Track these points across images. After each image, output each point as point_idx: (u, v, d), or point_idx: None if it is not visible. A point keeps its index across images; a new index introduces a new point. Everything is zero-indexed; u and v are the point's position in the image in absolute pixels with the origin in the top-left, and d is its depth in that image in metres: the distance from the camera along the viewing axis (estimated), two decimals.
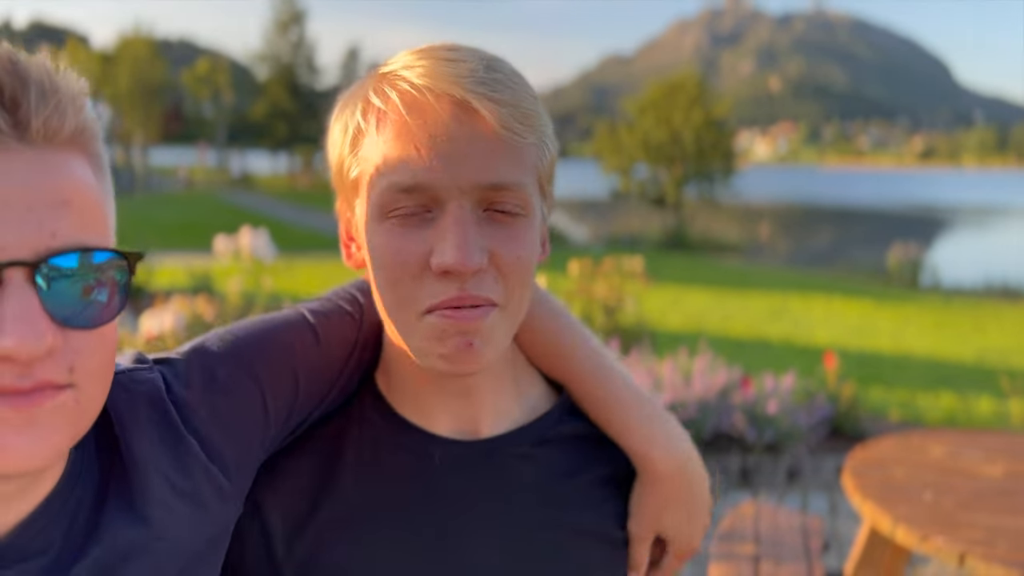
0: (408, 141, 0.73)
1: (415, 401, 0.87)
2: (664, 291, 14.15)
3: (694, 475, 0.94)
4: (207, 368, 0.80)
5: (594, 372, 0.92)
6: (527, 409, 0.92)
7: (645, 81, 35.14)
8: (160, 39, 59.23)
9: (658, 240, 26.81)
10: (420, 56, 0.77)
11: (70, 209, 0.60)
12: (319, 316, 0.88)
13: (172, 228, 19.75)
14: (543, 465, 0.89)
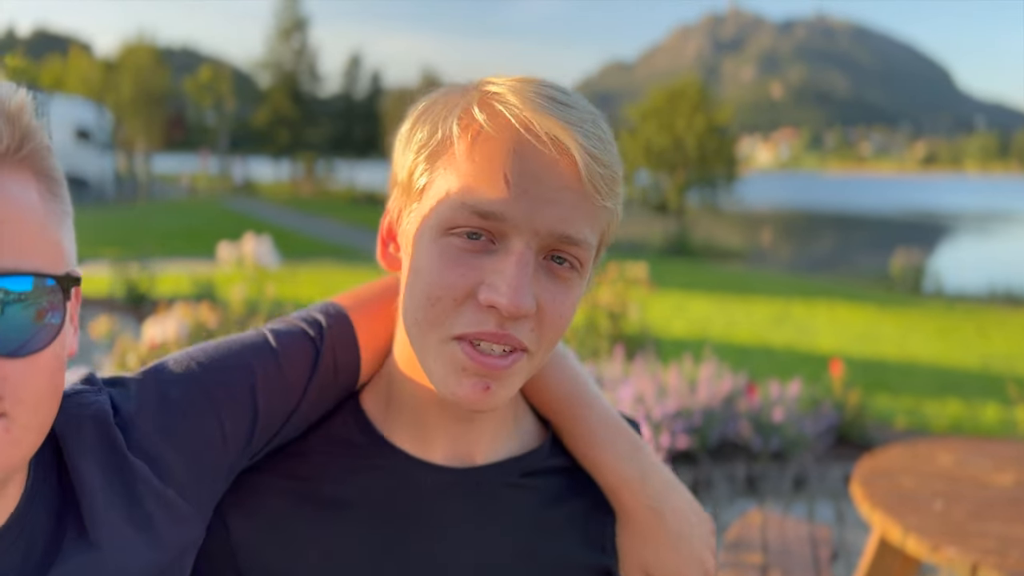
0: (499, 168, 0.72)
1: (414, 425, 0.86)
2: (667, 298, 14.11)
3: (669, 511, 0.91)
4: (162, 389, 0.78)
5: (571, 408, 0.91)
6: (521, 441, 0.92)
7: (647, 88, 35.19)
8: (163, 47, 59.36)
9: (660, 246, 26.80)
10: (532, 88, 0.75)
11: (2, 232, 0.58)
12: (281, 338, 0.85)
13: (175, 235, 19.73)
14: (531, 494, 0.89)
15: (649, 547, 0.90)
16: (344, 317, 0.88)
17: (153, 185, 43.90)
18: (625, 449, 0.91)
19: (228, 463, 0.80)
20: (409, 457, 0.85)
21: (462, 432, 0.86)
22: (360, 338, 0.87)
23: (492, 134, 0.73)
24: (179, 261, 12.97)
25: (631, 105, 34.41)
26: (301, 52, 59.95)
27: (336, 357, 0.86)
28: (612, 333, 6.41)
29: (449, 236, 0.74)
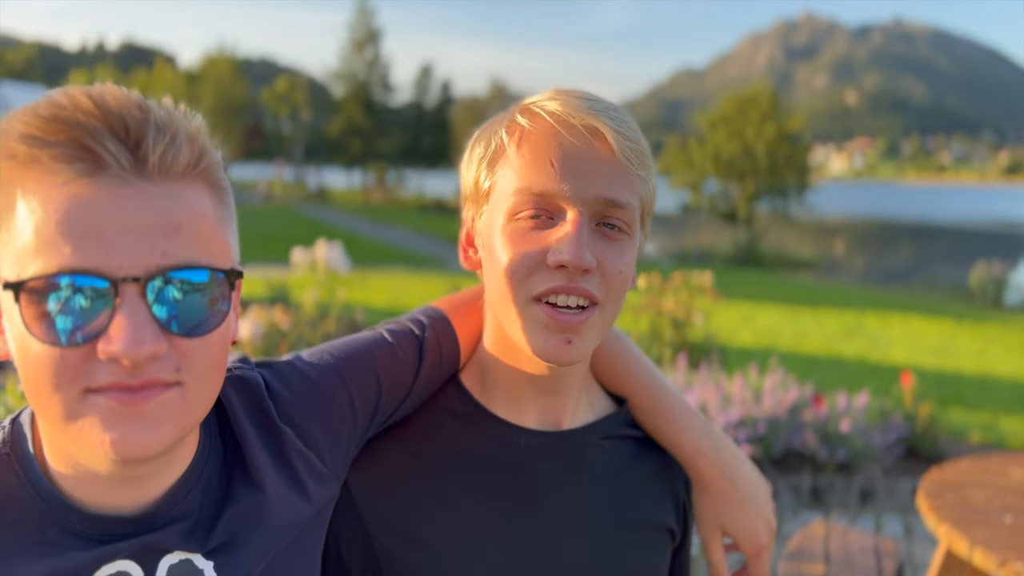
0: (544, 155, 0.86)
1: (507, 396, 0.99)
2: (735, 307, 13.94)
3: (740, 478, 1.07)
4: (304, 371, 0.94)
5: (649, 389, 1.06)
6: (595, 411, 1.05)
7: (717, 95, 34.80)
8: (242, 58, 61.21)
9: (729, 256, 26.43)
10: (563, 93, 0.91)
11: (180, 233, 0.69)
12: (394, 334, 1.02)
13: (251, 240, 20.32)
14: (609, 454, 1.03)
15: (725, 508, 1.06)
16: (443, 316, 1.05)
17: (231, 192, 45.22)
18: (700, 426, 1.07)
19: (358, 434, 0.96)
20: (506, 422, 0.99)
21: (548, 402, 1.00)
22: (458, 332, 1.04)
23: (535, 131, 0.88)
24: (255, 265, 13.38)
25: (700, 113, 34.05)
26: (374, 63, 61.17)
27: (440, 347, 1.03)
28: (676, 341, 6.40)
29: (515, 221, 0.88)
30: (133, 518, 0.76)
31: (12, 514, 0.73)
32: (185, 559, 0.78)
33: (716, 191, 31.81)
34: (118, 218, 0.66)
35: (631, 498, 1.04)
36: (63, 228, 0.65)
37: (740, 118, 30.76)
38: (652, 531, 1.05)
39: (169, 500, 0.78)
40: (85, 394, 0.67)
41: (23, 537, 0.72)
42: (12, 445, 0.75)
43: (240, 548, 0.81)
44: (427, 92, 66.50)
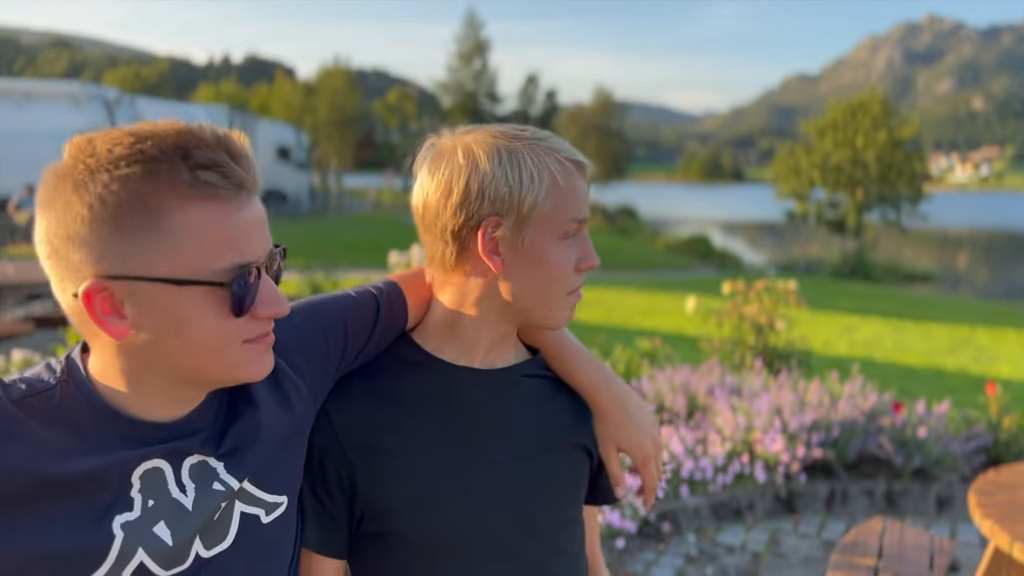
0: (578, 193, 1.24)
1: (466, 346, 1.31)
2: (836, 318, 13.67)
3: (630, 406, 1.37)
4: (290, 318, 1.23)
5: (557, 341, 1.39)
6: (518, 357, 1.37)
7: (831, 101, 33.80)
8: (356, 70, 63.34)
9: (837, 266, 25.68)
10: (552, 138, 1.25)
11: (267, 226, 1.02)
12: (359, 292, 1.31)
13: (358, 245, 21.20)
14: (533, 388, 1.35)
15: (617, 431, 1.36)
16: (395, 285, 1.34)
17: (343, 200, 46.93)
18: (595, 366, 1.38)
19: (331, 367, 1.25)
20: (448, 363, 1.30)
21: (491, 350, 1.32)
22: (407, 297, 1.34)
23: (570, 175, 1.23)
24: (361, 269, 14.03)
25: (808, 120, 33.17)
26: (481, 74, 62.25)
27: (392, 307, 1.32)
28: (757, 346, 6.47)
29: (566, 239, 1.23)
30: (167, 426, 1.03)
31: (73, 420, 1.00)
32: (202, 460, 1.05)
33: (824, 200, 30.91)
34: (254, 224, 0.98)
35: (549, 421, 1.33)
36: (235, 236, 0.95)
37: (850, 125, 29.84)
38: (568, 448, 1.33)
39: (193, 416, 1.05)
40: (242, 345, 1.00)
41: (83, 438, 1.00)
42: (69, 373, 1.03)
43: (243, 452, 1.09)
44: (532, 101, 67.13)
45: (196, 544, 1.04)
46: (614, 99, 62.74)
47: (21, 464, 0.95)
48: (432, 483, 1.24)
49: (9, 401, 0.98)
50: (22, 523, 0.95)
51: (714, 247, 30.50)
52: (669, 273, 22.83)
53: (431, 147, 1.27)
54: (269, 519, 1.12)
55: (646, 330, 10.28)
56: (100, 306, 0.94)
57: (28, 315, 7.64)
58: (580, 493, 1.37)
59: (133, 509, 1.00)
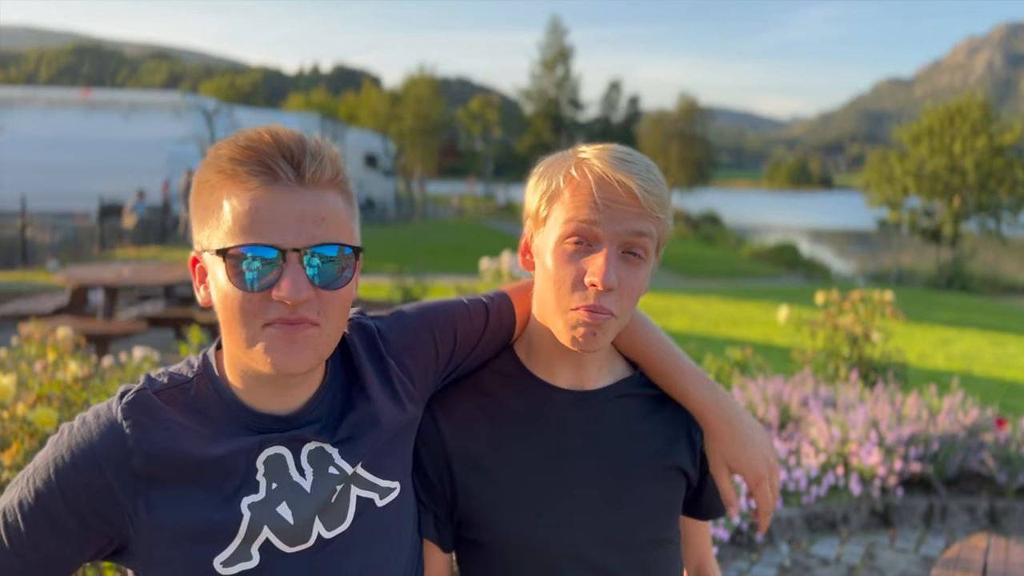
0: (590, 198, 1.19)
1: (547, 364, 1.34)
2: (932, 331, 13.24)
3: (739, 423, 1.34)
4: (403, 321, 1.32)
5: (664, 357, 1.36)
6: (615, 375, 1.36)
7: (925, 106, 32.62)
8: (440, 78, 64.29)
9: (931, 277, 24.80)
10: (607, 151, 1.23)
11: (324, 223, 1.07)
12: (471, 300, 1.37)
13: (443, 251, 21.55)
14: (627, 410, 1.35)
15: (728, 448, 1.34)
16: (506, 296, 1.39)
17: (427, 206, 47.68)
18: (705, 384, 1.36)
19: (439, 370, 1.32)
20: (543, 382, 1.33)
21: (576, 369, 1.33)
22: (516, 309, 1.38)
23: (583, 182, 1.20)
24: (447, 276, 14.28)
25: (902, 126, 32.07)
26: (564, 81, 62.30)
27: (501, 317, 1.37)
28: (852, 358, 6.37)
29: (564, 244, 1.20)
30: (285, 417, 1.13)
31: (207, 412, 1.12)
32: (319, 447, 1.15)
33: (918, 208, 29.85)
34: (286, 211, 1.02)
35: (642, 444, 1.33)
36: (252, 217, 1.02)
37: (947, 131, 28.75)
38: (663, 471, 1.33)
39: (308, 406, 1.15)
40: (262, 327, 1.04)
41: (214, 427, 1.12)
42: (203, 368, 1.16)
43: (356, 441, 1.17)
44: (615, 108, 66.86)
45: (317, 525, 1.14)
46: (698, 104, 61.95)
47: (163, 448, 1.08)
48: (522, 502, 1.28)
49: (152, 392, 1.12)
50: (164, 501, 1.08)
51: (801, 255, 29.82)
52: (755, 281, 22.44)
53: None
54: (383, 503, 1.20)
55: (735, 339, 10.18)
56: (199, 274, 1.11)
57: (141, 315, 8.08)
58: (672, 515, 1.37)
59: (259, 491, 1.11)
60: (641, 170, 1.20)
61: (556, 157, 1.28)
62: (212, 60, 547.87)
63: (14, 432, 2.97)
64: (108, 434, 1.07)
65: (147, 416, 1.09)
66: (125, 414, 1.09)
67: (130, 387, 1.13)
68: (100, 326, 7.31)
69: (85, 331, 6.71)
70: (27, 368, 4.34)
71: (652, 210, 1.19)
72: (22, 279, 14.17)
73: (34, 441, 2.91)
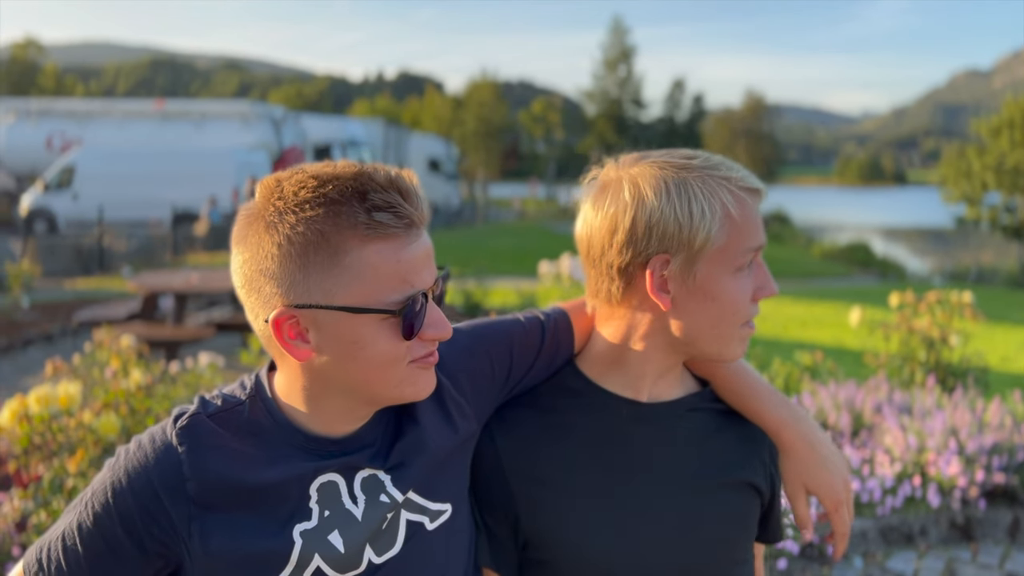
0: (754, 221, 1.19)
1: (632, 378, 1.28)
2: (1015, 333, 12.68)
3: (818, 444, 1.29)
4: (459, 340, 1.28)
5: (735, 373, 1.31)
6: (685, 389, 1.32)
7: (1005, 98, 31.35)
8: (502, 82, 64.57)
9: (1013, 276, 23.80)
10: (728, 165, 1.20)
11: (433, 256, 1.09)
12: (527, 318, 1.35)
13: (504, 254, 21.60)
14: (697, 423, 1.29)
15: (806, 470, 1.28)
16: (564, 314, 1.36)
17: (489, 209, 47.88)
18: (780, 401, 1.30)
19: (495, 390, 1.29)
20: (612, 394, 1.28)
21: (656, 383, 1.28)
22: (574, 327, 1.35)
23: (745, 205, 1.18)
24: (508, 278, 14.27)
25: (979, 119, 30.90)
26: (626, 81, 61.94)
27: (557, 336, 1.34)
28: (929, 362, 6.11)
29: (743, 270, 1.19)
30: (340, 441, 1.12)
31: (261, 435, 1.11)
32: (372, 474, 1.13)
33: (999, 204, 28.70)
34: (423, 256, 1.05)
35: (714, 459, 1.27)
36: (407, 269, 1.04)
37: None
38: (735, 487, 1.27)
39: (364, 430, 1.14)
40: (409, 364, 1.07)
41: (267, 449, 1.11)
42: (256, 390, 1.15)
43: (408, 467, 1.15)
44: (679, 106, 66.14)
45: (367, 551, 1.12)
46: (765, 102, 60.87)
47: (218, 473, 1.07)
48: (590, 520, 1.23)
49: (206, 416, 1.11)
50: (217, 527, 1.06)
51: (874, 254, 28.99)
52: (827, 282, 21.87)
53: (594, 178, 1.25)
54: (434, 526, 1.18)
55: (804, 343, 9.91)
56: (287, 332, 1.05)
57: (209, 320, 8.27)
58: (748, 534, 1.31)
59: (311, 519, 1.09)
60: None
61: (667, 180, 1.18)
62: (280, 70, 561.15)
63: (80, 439, 3.03)
64: (164, 459, 1.07)
65: (201, 441, 1.09)
66: (180, 439, 1.08)
67: (185, 410, 1.13)
68: (169, 332, 7.50)
69: (155, 337, 6.88)
70: (99, 374, 4.46)
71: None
72: (99, 286, 14.68)
73: (98, 449, 2.97)
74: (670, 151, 1.22)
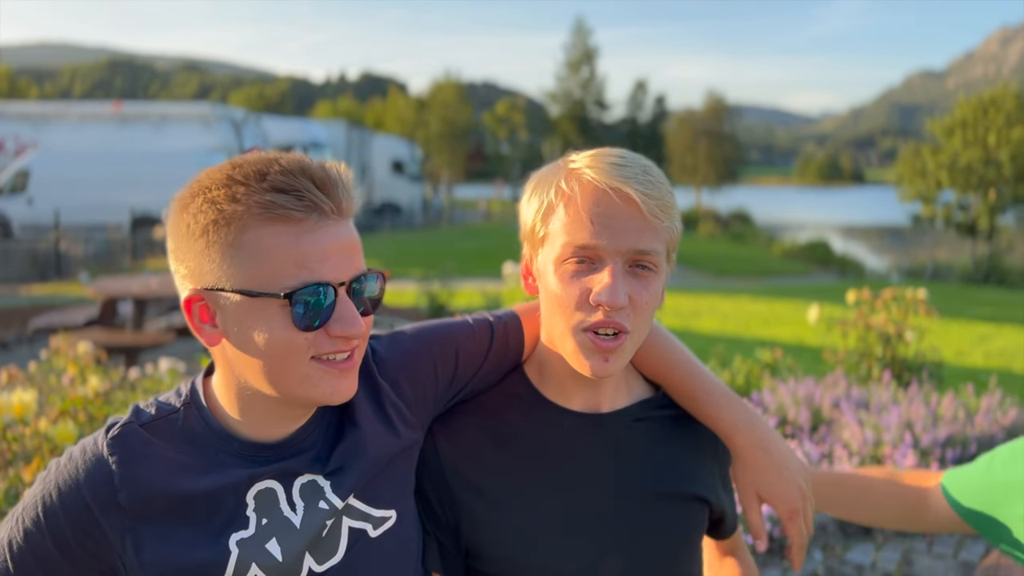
0: (586, 215, 1.09)
1: (559, 386, 1.25)
2: (969, 327, 12.97)
3: (773, 449, 1.23)
4: (402, 341, 1.27)
5: (689, 376, 1.26)
6: (633, 397, 1.28)
7: (958, 98, 32.10)
8: (466, 83, 64.48)
9: (967, 272, 24.34)
10: (598, 158, 1.13)
11: (357, 252, 1.06)
12: (475, 320, 1.30)
13: (470, 255, 21.56)
14: (644, 435, 1.25)
15: (760, 476, 1.22)
16: (515, 316, 1.33)
17: (454, 211, 47.77)
18: (735, 405, 1.25)
19: (439, 394, 1.26)
20: (555, 405, 1.25)
21: (591, 392, 1.24)
22: (525, 331, 1.31)
23: (576, 196, 1.10)
24: (473, 279, 14.27)
25: (933, 119, 31.57)
26: (589, 82, 62.20)
27: (507, 339, 1.30)
28: (885, 357, 6.23)
29: (564, 265, 1.11)
30: (275, 444, 1.10)
31: (196, 442, 1.09)
32: (312, 480, 1.11)
33: (953, 202, 29.35)
34: (334, 246, 1.01)
35: (661, 472, 1.23)
36: (307, 255, 1.00)
37: (980, 122, 28.25)
38: (682, 499, 1.23)
39: (301, 434, 1.12)
40: (310, 360, 1.03)
41: (203, 457, 1.08)
42: (191, 397, 1.12)
43: (348, 471, 1.13)
44: (641, 108, 66.59)
45: (307, 560, 1.10)
46: (725, 102, 61.53)
47: (151, 483, 1.05)
48: (531, 532, 1.20)
49: (139, 425, 1.08)
50: (151, 538, 1.04)
51: (834, 252, 29.44)
52: (787, 280, 22.19)
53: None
54: (378, 532, 1.16)
55: (765, 340, 10.04)
56: (198, 314, 1.04)
57: (170, 325, 8.16)
58: (693, 546, 1.27)
59: (248, 527, 1.07)
60: (638, 172, 1.10)
61: (548, 169, 1.19)
62: (241, 71, 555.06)
63: (36, 448, 2.99)
64: (94, 470, 1.05)
65: (133, 451, 1.06)
66: (111, 449, 1.06)
67: (117, 420, 1.10)
68: (128, 337, 7.39)
69: (114, 343, 6.78)
70: (56, 381, 4.38)
71: (656, 218, 1.09)
72: (56, 292, 14.41)
73: (54, 457, 2.92)
74: (598, 149, 1.18)
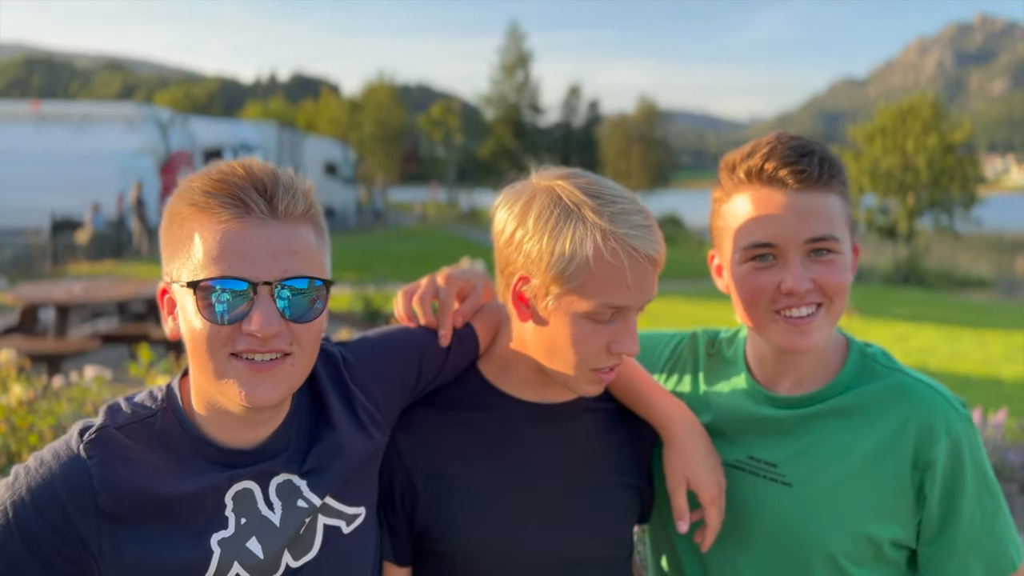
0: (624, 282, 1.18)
1: (522, 381, 1.35)
2: (889, 327, 13.45)
3: (702, 441, 1.36)
4: (369, 348, 1.32)
5: (626, 371, 1.37)
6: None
7: (879, 105, 33.26)
8: (400, 85, 64.07)
9: (888, 273, 25.24)
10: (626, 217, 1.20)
11: (296, 256, 1.06)
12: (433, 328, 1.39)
13: (406, 259, 21.44)
14: (589, 424, 1.37)
15: (688, 463, 1.34)
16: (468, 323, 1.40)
17: (389, 214, 47.41)
18: (667, 398, 1.39)
19: (405, 396, 1.33)
20: (509, 396, 1.36)
21: (544, 385, 1.35)
22: (478, 333, 1.40)
23: (616, 263, 1.17)
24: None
25: (856, 125, 32.67)
26: (524, 86, 62.42)
27: (464, 343, 1.38)
28: None
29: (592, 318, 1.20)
30: (251, 450, 1.13)
31: (173, 446, 1.10)
32: (287, 479, 1.14)
33: (874, 206, 30.40)
34: (258, 244, 1.03)
35: (603, 460, 1.36)
36: (223, 249, 1.02)
37: (899, 129, 29.34)
38: (620, 486, 1.36)
39: (275, 438, 1.15)
40: (229, 357, 1.04)
41: (181, 462, 1.09)
42: (168, 402, 1.13)
43: (324, 471, 1.17)
44: (575, 112, 67.17)
45: (285, 556, 1.14)
46: (657, 108, 62.52)
47: (130, 486, 1.05)
48: (484, 513, 1.30)
49: (115, 428, 1.09)
50: (131, 541, 1.05)
51: None
52: None
53: (521, 182, 1.28)
54: (350, 529, 1.21)
55: None
56: (167, 305, 1.10)
57: (95, 332, 7.94)
58: (628, 530, 1.40)
59: (228, 527, 1.10)
60: (655, 230, 1.21)
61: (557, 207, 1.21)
62: (167, 70, 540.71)
63: None
64: (71, 473, 1.04)
65: (111, 453, 1.06)
66: (89, 452, 1.06)
67: (91, 423, 1.09)
68: (51, 345, 7.16)
69: (36, 351, 6.56)
70: None
71: (662, 262, 1.23)
72: None
73: None
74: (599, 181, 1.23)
